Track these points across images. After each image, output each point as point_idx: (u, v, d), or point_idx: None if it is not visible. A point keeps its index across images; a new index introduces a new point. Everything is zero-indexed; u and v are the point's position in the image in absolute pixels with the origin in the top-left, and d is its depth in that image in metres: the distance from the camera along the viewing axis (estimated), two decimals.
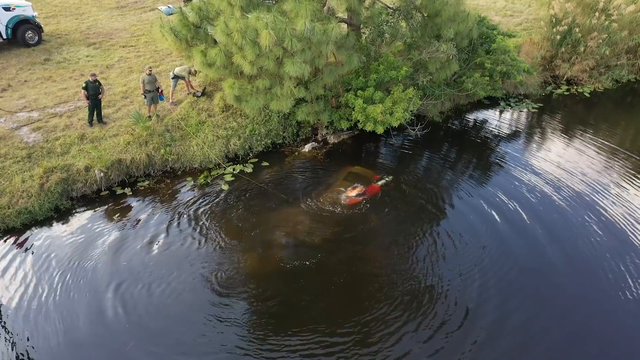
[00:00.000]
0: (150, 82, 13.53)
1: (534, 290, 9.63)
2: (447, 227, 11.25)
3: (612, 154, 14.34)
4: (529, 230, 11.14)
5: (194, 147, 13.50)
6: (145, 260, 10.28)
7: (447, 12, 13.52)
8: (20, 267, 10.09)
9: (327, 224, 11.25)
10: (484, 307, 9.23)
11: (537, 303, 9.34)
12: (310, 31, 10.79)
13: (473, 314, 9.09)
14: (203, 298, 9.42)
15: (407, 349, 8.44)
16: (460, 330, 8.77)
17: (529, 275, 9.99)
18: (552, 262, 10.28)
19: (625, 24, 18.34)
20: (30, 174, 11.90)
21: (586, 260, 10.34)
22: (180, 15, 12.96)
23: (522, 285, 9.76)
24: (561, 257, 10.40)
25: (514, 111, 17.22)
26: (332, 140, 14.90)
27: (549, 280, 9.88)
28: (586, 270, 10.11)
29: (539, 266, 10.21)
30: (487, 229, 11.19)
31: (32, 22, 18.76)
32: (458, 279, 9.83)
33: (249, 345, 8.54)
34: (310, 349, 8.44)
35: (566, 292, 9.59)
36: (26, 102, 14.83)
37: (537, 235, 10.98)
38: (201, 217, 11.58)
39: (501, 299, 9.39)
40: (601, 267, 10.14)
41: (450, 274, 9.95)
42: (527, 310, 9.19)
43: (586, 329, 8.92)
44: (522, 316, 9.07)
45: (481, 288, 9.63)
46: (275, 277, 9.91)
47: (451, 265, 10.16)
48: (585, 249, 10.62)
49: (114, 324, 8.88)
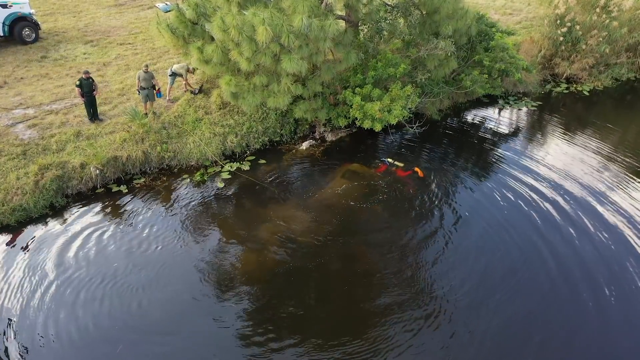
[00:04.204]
0: (145, 79, 13.45)
1: (539, 296, 9.44)
2: (446, 227, 11.16)
3: (611, 152, 14.25)
4: (529, 230, 11.04)
5: (190, 145, 13.41)
6: (139, 259, 10.18)
7: (446, 9, 13.46)
8: (14, 265, 9.99)
9: (324, 223, 11.15)
10: (484, 307, 9.13)
11: (546, 309, 9.19)
12: (308, 27, 10.70)
13: (473, 314, 8.98)
14: (198, 299, 9.31)
15: (409, 351, 8.33)
16: (459, 332, 8.67)
17: (530, 276, 9.85)
18: (551, 263, 10.18)
19: (625, 21, 18.27)
20: (25, 171, 11.81)
21: (585, 262, 10.24)
22: (177, 12, 12.87)
23: (524, 287, 9.60)
24: (560, 257, 10.31)
25: (513, 109, 17.14)
26: (330, 138, 14.81)
27: (552, 283, 9.74)
28: (583, 271, 10.02)
29: (540, 268, 10.09)
30: (485, 228, 11.10)
31: (30, 20, 18.69)
32: (458, 280, 9.69)
33: (245, 346, 8.44)
34: (308, 351, 8.32)
35: (565, 292, 9.49)
36: (22, 99, 14.74)
37: (537, 236, 10.88)
38: (197, 216, 11.48)
39: (504, 300, 9.27)
40: (598, 267, 10.04)
41: (450, 275, 9.82)
42: (535, 313, 9.08)
43: (586, 330, 8.84)
44: (526, 320, 8.97)
45: (483, 288, 9.53)
46: (272, 277, 9.80)
47: (450, 266, 10.04)
48: (583, 248, 10.53)
49: (106, 324, 8.75)
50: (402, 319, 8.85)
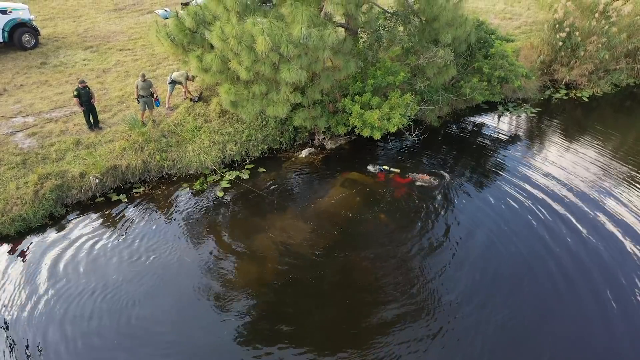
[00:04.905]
0: (144, 87, 13.44)
1: (545, 306, 9.41)
2: (448, 237, 11.13)
3: (610, 159, 14.24)
4: (529, 237, 11.03)
5: (190, 153, 13.41)
6: (139, 269, 10.19)
7: (445, 16, 13.46)
8: (13, 276, 10.00)
9: (323, 234, 11.15)
10: (484, 320, 9.13)
11: (556, 325, 9.13)
12: (307, 37, 10.71)
13: (480, 331, 8.94)
14: (196, 308, 9.32)
15: None
16: (458, 342, 8.68)
17: (536, 290, 9.78)
18: (553, 268, 10.17)
19: (624, 26, 18.26)
20: (25, 180, 11.82)
21: (584, 266, 10.25)
22: (176, 20, 12.88)
23: (531, 301, 9.52)
24: (561, 262, 10.30)
25: (513, 116, 17.14)
26: (330, 146, 14.82)
27: (557, 291, 9.72)
28: (584, 277, 10.02)
29: (542, 275, 10.10)
30: (484, 237, 11.10)
31: (29, 25, 18.71)
32: (456, 290, 9.70)
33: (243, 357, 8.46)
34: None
35: (567, 299, 9.50)
36: (22, 106, 14.75)
37: (537, 243, 10.87)
38: (196, 226, 11.49)
39: (504, 311, 9.27)
40: (599, 273, 10.04)
41: (449, 285, 9.83)
42: (544, 329, 9.09)
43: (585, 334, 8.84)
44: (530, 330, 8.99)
45: (481, 298, 9.54)
46: (270, 290, 9.79)
47: (450, 276, 10.04)
48: (583, 254, 10.53)
49: (105, 334, 8.78)
50: (405, 337, 8.74)
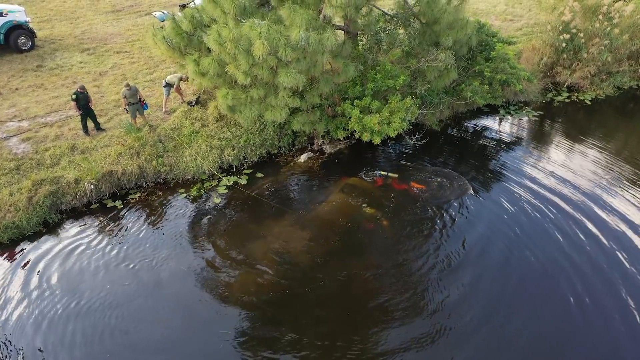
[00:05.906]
0: (132, 95, 13.19)
1: (549, 314, 9.21)
2: (445, 242, 10.95)
3: (612, 162, 14.03)
4: (531, 243, 10.84)
5: (187, 158, 13.21)
6: (133, 277, 10.00)
7: (446, 19, 13.27)
8: (5, 285, 9.81)
9: (322, 241, 10.94)
10: (485, 328, 8.94)
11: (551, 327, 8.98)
12: (305, 41, 10.50)
13: (472, 333, 8.80)
14: (192, 316, 9.14)
15: None
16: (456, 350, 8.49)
17: (533, 292, 9.66)
18: (556, 275, 9.99)
19: (626, 27, 18.05)
20: (19, 186, 11.62)
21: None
22: (173, 23, 12.67)
23: (527, 302, 9.41)
24: (565, 267, 10.11)
25: (514, 119, 16.93)
26: (329, 150, 14.61)
27: (558, 298, 9.54)
28: (585, 280, 9.82)
29: (545, 284, 9.90)
30: (485, 242, 10.91)
31: (25, 28, 18.52)
32: (458, 296, 9.51)
33: None
34: None
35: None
36: (17, 110, 14.55)
37: (540, 248, 10.68)
38: (193, 232, 11.29)
39: (504, 317, 9.09)
40: (622, 284, 9.79)
41: (450, 292, 9.63)
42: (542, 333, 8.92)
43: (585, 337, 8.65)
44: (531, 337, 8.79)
45: (483, 307, 9.34)
46: (268, 297, 9.60)
47: (450, 283, 9.84)
48: (583, 258, 10.34)
49: (100, 343, 8.59)
50: (399, 341, 8.59)
